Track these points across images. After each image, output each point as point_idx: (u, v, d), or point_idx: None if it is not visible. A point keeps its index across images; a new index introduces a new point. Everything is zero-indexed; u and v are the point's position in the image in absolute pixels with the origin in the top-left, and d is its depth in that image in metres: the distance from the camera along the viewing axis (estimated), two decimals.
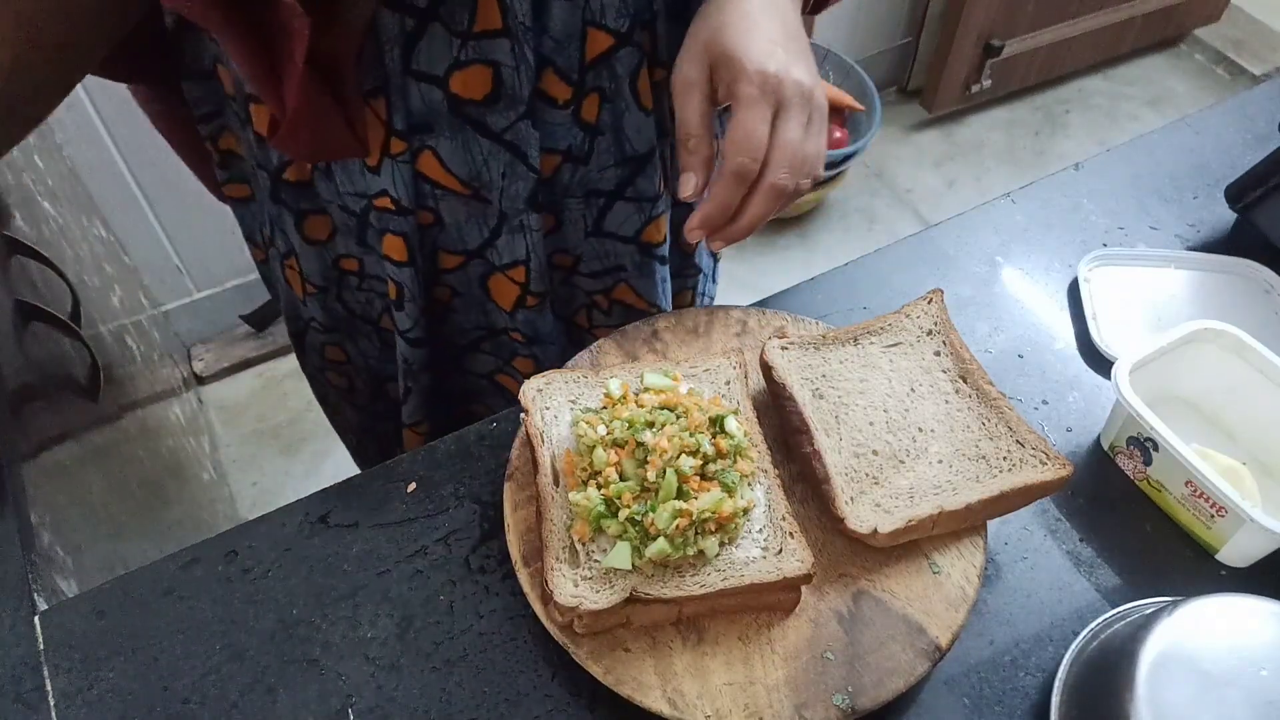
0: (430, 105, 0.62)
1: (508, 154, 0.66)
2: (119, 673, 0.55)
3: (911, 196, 2.33)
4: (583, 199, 0.72)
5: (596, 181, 0.71)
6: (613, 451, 0.54)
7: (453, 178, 0.66)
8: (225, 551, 0.60)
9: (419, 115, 0.63)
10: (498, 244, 0.71)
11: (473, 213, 0.69)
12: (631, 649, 0.52)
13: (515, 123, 0.64)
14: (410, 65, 0.60)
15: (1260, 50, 2.68)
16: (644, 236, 0.75)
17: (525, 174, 0.67)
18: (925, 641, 0.53)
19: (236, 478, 1.79)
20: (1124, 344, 0.71)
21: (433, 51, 0.60)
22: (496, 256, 0.72)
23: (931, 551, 0.56)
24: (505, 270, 0.73)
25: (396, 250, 0.69)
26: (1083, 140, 2.46)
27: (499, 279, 0.74)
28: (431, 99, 0.62)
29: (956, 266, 0.79)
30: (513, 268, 0.73)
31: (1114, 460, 0.66)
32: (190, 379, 1.86)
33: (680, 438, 0.54)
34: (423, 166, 0.66)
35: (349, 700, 0.54)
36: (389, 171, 0.65)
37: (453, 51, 0.60)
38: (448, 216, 0.69)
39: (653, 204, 0.73)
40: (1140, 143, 0.89)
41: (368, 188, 0.67)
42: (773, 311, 0.70)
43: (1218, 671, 0.47)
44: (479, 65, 0.61)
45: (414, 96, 0.62)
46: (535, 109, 0.65)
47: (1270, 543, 0.58)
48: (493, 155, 0.66)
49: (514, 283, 0.74)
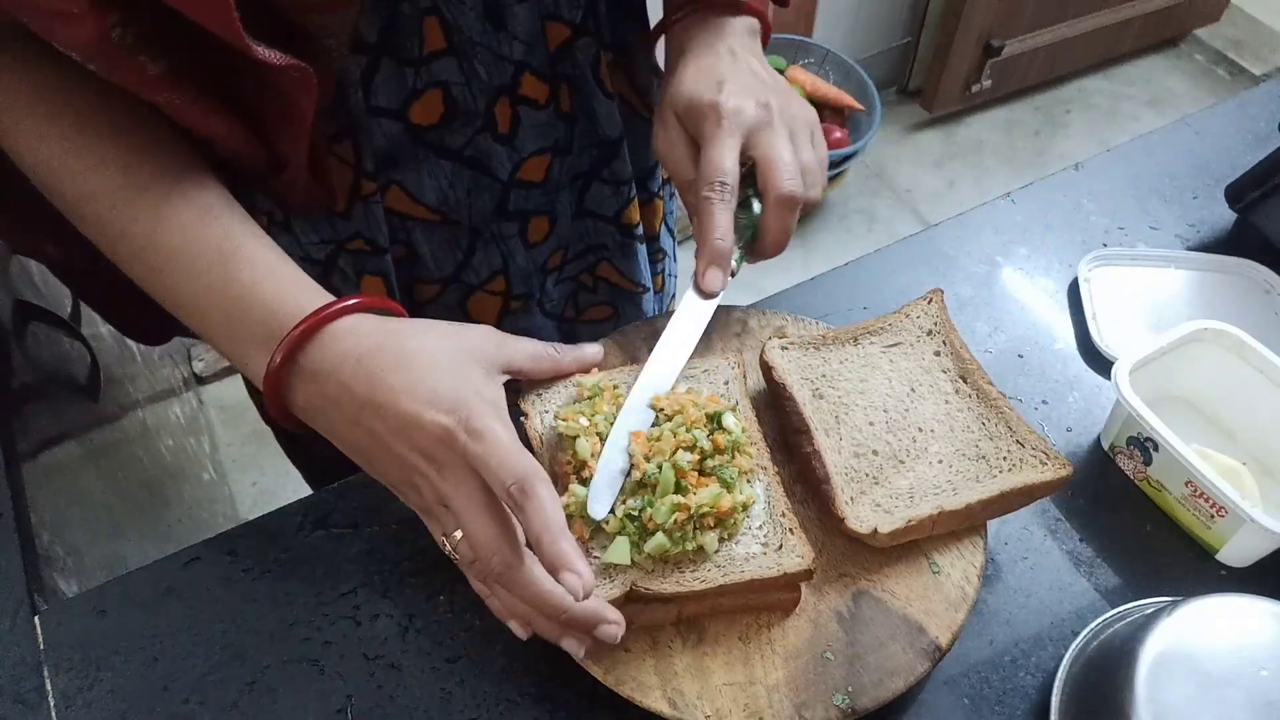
0: (392, 140, 0.62)
1: (469, 170, 0.66)
2: (119, 673, 0.55)
3: (911, 196, 2.33)
4: (568, 185, 0.72)
5: (575, 166, 0.71)
6: (595, 440, 0.54)
7: (421, 207, 0.66)
8: (225, 551, 0.60)
9: (382, 152, 0.62)
10: (473, 262, 0.71)
11: (445, 237, 0.69)
12: (631, 649, 0.52)
13: (473, 138, 0.64)
14: (370, 103, 0.59)
15: (1260, 50, 2.69)
16: (624, 218, 0.76)
17: (490, 185, 0.67)
18: (925, 641, 0.53)
19: (236, 478, 1.79)
20: (1124, 344, 0.71)
21: (389, 86, 0.59)
22: (473, 275, 0.72)
23: (931, 551, 0.56)
24: (484, 286, 0.73)
25: (376, 290, 0.68)
26: (1083, 140, 2.46)
27: (479, 298, 0.74)
28: (393, 133, 0.61)
29: (956, 266, 0.79)
30: (491, 280, 0.73)
31: (1114, 460, 0.66)
32: (190, 379, 1.86)
33: (677, 433, 0.54)
34: (391, 202, 0.65)
35: (349, 700, 0.54)
36: (360, 214, 0.64)
37: (408, 82, 0.60)
38: (421, 246, 0.69)
39: (628, 186, 0.74)
40: (1140, 143, 0.89)
41: (336, 234, 0.65)
42: (773, 311, 0.69)
43: (1218, 671, 0.47)
44: (431, 90, 0.61)
45: (377, 134, 0.61)
46: (518, 116, 0.65)
47: (1270, 543, 0.58)
48: (455, 175, 0.65)
49: (494, 294, 0.74)
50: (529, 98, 0.64)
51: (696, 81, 0.60)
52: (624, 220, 0.76)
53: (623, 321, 0.85)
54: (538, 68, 0.63)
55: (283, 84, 0.50)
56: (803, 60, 2.17)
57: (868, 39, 2.34)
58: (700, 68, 0.61)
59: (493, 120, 0.64)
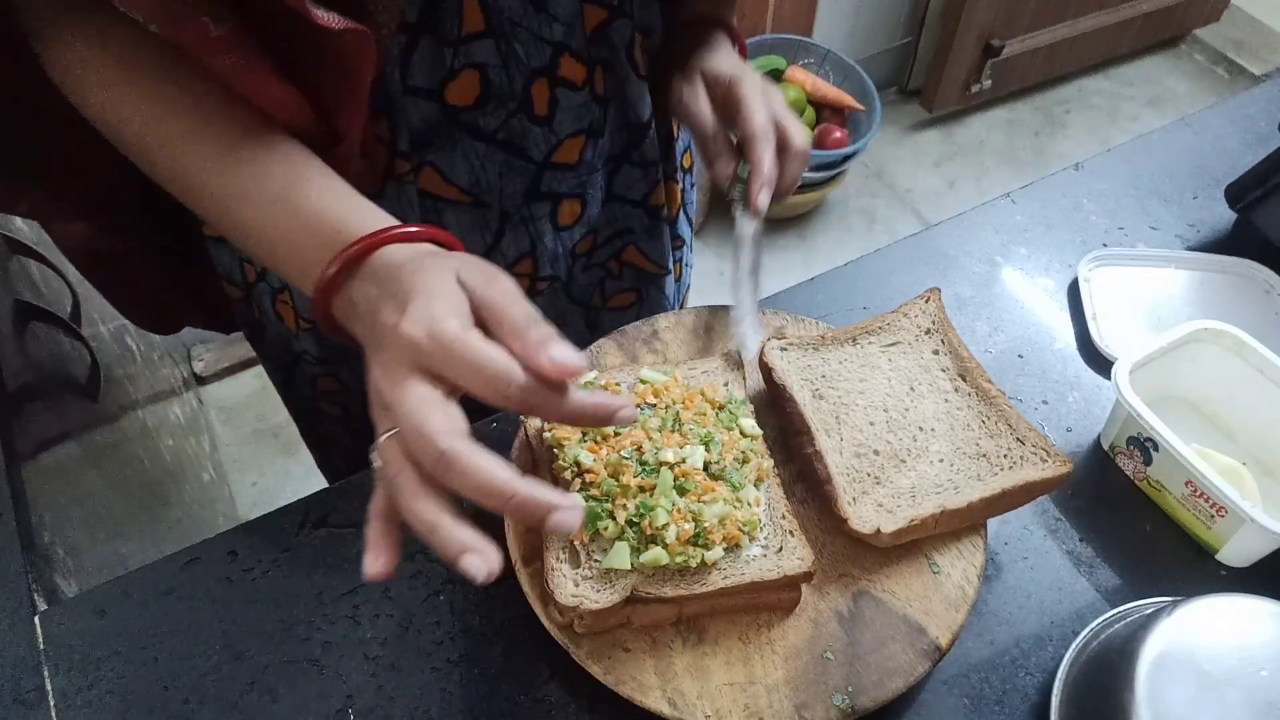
0: (427, 120, 0.62)
1: (502, 153, 0.66)
2: (119, 673, 0.55)
3: (911, 196, 2.33)
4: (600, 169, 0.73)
5: (608, 149, 0.73)
6: (592, 443, 0.54)
7: (454, 188, 0.66)
8: (225, 551, 0.60)
9: (417, 132, 0.63)
10: (501, 245, 0.71)
11: (475, 220, 0.69)
12: (631, 649, 0.52)
13: (506, 120, 0.64)
14: (407, 83, 0.60)
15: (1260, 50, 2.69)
16: (651, 200, 0.78)
17: (523, 167, 0.67)
18: (925, 641, 0.53)
19: (236, 478, 1.79)
20: (1124, 344, 0.71)
21: (426, 65, 0.60)
22: (501, 258, 0.72)
23: (931, 551, 0.56)
24: (512, 268, 0.73)
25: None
26: (1083, 140, 2.46)
27: None
28: (428, 114, 0.62)
29: (956, 266, 0.79)
30: (519, 262, 0.73)
31: (1114, 460, 0.66)
32: (190, 379, 1.86)
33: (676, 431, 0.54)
34: (424, 183, 0.66)
35: (349, 700, 0.54)
36: (393, 194, 0.65)
37: (445, 61, 0.60)
38: (451, 228, 0.69)
39: (656, 168, 0.77)
40: (1140, 143, 0.89)
41: None
42: (773, 311, 0.70)
43: (1218, 671, 0.47)
44: (468, 70, 0.61)
45: (413, 114, 0.62)
46: (555, 99, 0.65)
47: (1270, 543, 0.58)
48: (488, 157, 0.66)
49: (521, 276, 0.74)
50: (567, 79, 0.65)
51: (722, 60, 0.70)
52: (651, 202, 0.79)
53: (645, 308, 0.86)
54: (576, 49, 0.64)
55: (342, 50, 0.50)
56: (803, 60, 2.17)
57: (868, 39, 2.34)
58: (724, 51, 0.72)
59: (529, 101, 0.65)
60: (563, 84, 0.65)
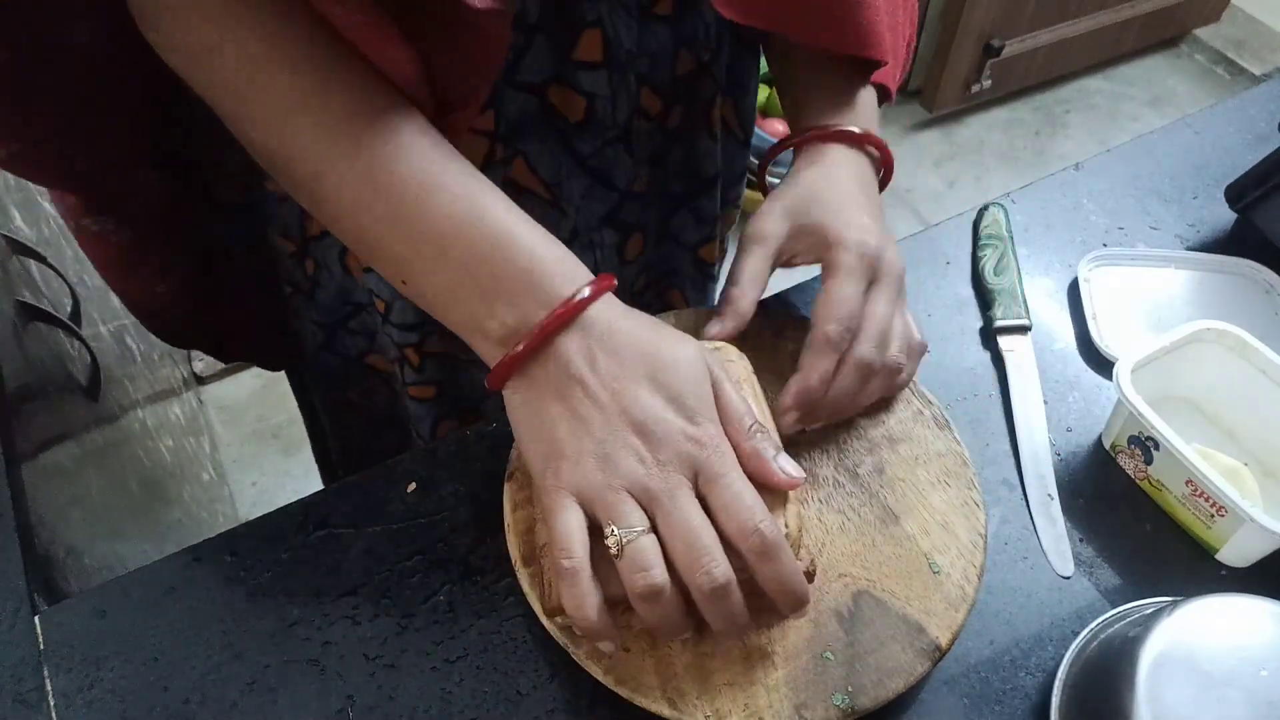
0: (526, 113, 0.63)
1: (588, 178, 0.67)
2: (119, 673, 0.55)
3: (911, 196, 2.33)
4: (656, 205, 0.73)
5: (666, 185, 0.72)
6: None
7: (538, 180, 0.66)
8: (225, 551, 0.60)
9: (514, 123, 0.63)
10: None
11: (549, 219, 0.69)
12: (631, 649, 0.52)
13: (602, 148, 0.65)
14: (514, 77, 0.61)
15: (1260, 50, 2.69)
16: (701, 253, 0.77)
17: (605, 195, 0.68)
18: (925, 641, 0.53)
19: (236, 478, 1.79)
20: (1124, 344, 0.71)
21: (536, 64, 0.60)
22: None
23: (931, 551, 0.56)
24: None
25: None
26: (1083, 140, 2.46)
27: None
28: (528, 107, 0.62)
29: (956, 266, 0.79)
30: None
31: (1115, 460, 0.66)
32: (190, 379, 1.86)
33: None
34: (514, 173, 0.66)
35: (349, 700, 0.54)
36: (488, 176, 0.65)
37: (555, 66, 0.61)
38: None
39: (711, 225, 0.75)
40: (1140, 143, 0.89)
41: None
42: (773, 311, 0.69)
43: (1218, 671, 0.47)
44: (574, 93, 0.62)
45: (513, 104, 0.62)
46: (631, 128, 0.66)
47: (1270, 543, 0.58)
48: (574, 175, 0.66)
49: None
50: (643, 108, 0.66)
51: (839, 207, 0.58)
52: (701, 255, 0.77)
53: None
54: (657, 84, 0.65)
55: (479, 29, 0.50)
56: None
57: None
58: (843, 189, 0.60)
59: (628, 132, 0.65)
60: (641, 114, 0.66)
